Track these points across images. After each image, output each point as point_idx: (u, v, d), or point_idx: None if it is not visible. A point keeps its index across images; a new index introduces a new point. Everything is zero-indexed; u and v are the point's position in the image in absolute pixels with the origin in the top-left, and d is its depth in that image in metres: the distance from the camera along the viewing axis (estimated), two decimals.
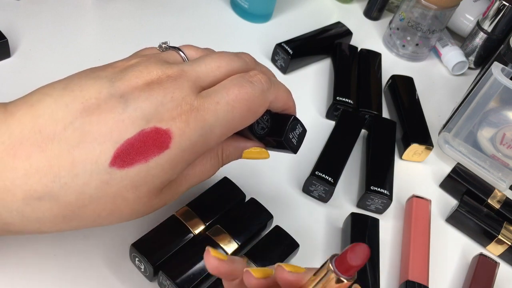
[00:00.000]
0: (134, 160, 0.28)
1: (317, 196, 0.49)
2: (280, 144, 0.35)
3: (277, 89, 0.33)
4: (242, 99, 0.30)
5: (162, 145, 0.28)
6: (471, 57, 0.70)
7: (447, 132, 0.56)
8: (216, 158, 0.34)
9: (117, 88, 0.28)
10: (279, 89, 0.33)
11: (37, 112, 0.28)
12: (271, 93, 0.32)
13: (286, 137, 0.34)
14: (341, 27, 0.65)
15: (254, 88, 0.31)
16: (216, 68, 0.31)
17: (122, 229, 0.40)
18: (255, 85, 0.31)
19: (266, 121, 0.35)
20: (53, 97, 0.28)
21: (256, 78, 0.32)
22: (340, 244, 0.46)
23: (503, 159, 0.55)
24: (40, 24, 0.54)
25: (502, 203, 0.52)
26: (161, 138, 0.28)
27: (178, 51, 0.33)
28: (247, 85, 0.31)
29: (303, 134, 0.36)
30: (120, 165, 0.27)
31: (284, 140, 0.34)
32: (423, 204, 0.49)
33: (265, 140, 0.35)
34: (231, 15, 0.65)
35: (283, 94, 0.34)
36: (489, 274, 0.46)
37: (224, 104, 0.30)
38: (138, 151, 0.28)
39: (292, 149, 0.35)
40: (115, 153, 0.27)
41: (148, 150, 0.28)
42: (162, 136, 0.28)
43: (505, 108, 0.53)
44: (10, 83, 0.48)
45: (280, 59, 0.59)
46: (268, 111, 0.34)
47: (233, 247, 0.39)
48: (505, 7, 0.62)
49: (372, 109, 0.57)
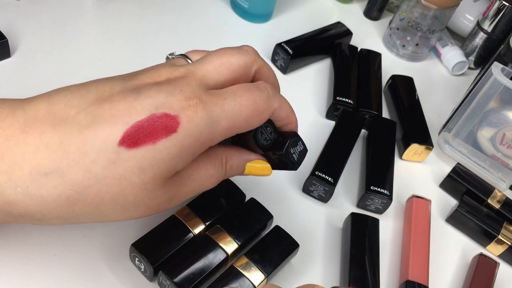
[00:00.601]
0: (142, 141, 0.29)
1: (317, 196, 0.49)
2: (281, 158, 0.36)
3: (281, 99, 0.35)
4: (249, 99, 0.32)
5: (170, 129, 0.29)
6: (471, 57, 0.70)
7: (447, 132, 0.56)
8: (220, 165, 0.35)
9: (130, 84, 0.31)
10: (283, 99, 0.35)
11: (52, 100, 0.30)
12: (276, 100, 0.34)
13: (287, 150, 0.35)
14: (341, 27, 0.65)
15: (261, 92, 0.33)
16: (219, 65, 0.33)
17: (122, 229, 0.40)
18: (262, 90, 0.33)
19: (270, 133, 0.36)
20: (70, 90, 0.30)
21: (262, 86, 0.34)
22: (340, 245, 0.46)
23: (503, 159, 0.55)
24: (40, 24, 0.54)
25: (502, 203, 0.52)
26: (170, 122, 0.29)
27: (185, 58, 0.35)
28: (254, 89, 0.33)
29: (304, 153, 0.37)
30: (128, 145, 0.28)
31: (284, 153, 0.35)
32: (423, 204, 0.49)
33: (267, 156, 0.37)
34: (231, 15, 0.65)
35: (287, 105, 0.36)
36: (489, 274, 0.46)
37: (231, 100, 0.31)
38: (147, 132, 0.29)
39: (292, 164, 0.36)
40: (124, 133, 0.28)
41: (156, 132, 0.29)
42: (170, 121, 0.29)
43: (505, 108, 0.53)
44: (10, 83, 0.48)
45: (280, 59, 0.59)
46: (272, 125, 0.36)
47: (233, 247, 0.39)
48: (505, 7, 0.62)
49: (372, 109, 0.57)
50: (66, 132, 0.28)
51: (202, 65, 0.32)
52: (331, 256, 0.45)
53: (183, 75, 0.31)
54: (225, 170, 0.35)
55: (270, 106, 0.33)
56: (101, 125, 0.28)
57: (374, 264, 0.43)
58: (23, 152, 0.28)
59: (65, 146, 0.28)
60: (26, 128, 0.28)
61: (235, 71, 0.33)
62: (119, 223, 0.41)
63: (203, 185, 0.34)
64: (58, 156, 0.28)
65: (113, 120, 0.28)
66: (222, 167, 0.35)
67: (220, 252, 0.39)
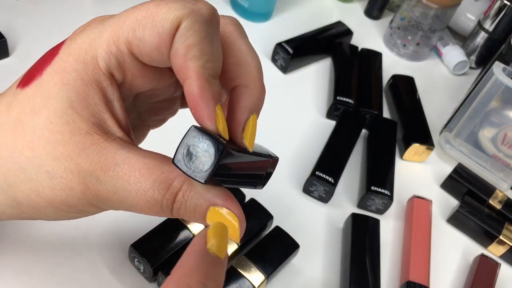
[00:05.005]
0: (32, 77, 0.27)
1: (318, 196, 0.48)
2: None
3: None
4: None
5: (53, 54, 0.27)
6: (472, 57, 0.70)
7: (448, 132, 0.56)
8: (164, 188, 0.25)
9: None
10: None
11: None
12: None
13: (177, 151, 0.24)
14: (341, 26, 0.65)
15: None
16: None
17: (122, 230, 0.40)
18: None
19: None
20: None
21: None
22: (341, 245, 0.46)
23: (504, 159, 0.55)
24: (39, 24, 0.54)
25: (503, 204, 0.52)
26: (54, 49, 0.27)
27: None
28: None
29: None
30: (22, 85, 0.27)
31: (175, 160, 0.24)
32: (424, 204, 0.49)
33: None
34: (231, 14, 0.65)
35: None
36: (490, 275, 0.46)
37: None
38: (36, 67, 0.27)
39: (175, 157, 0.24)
40: (23, 76, 0.27)
41: (43, 64, 0.27)
42: (55, 48, 0.27)
43: (507, 108, 0.53)
44: (9, 83, 0.48)
45: (280, 58, 0.59)
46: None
47: (233, 247, 0.39)
48: (506, 6, 0.62)
49: (373, 109, 0.57)
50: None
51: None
52: (331, 256, 0.45)
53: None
54: (171, 201, 0.25)
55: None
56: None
57: (375, 265, 0.43)
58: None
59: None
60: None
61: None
62: (119, 224, 0.40)
63: (129, 198, 0.25)
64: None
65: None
66: (168, 192, 0.25)
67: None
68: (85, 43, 0.26)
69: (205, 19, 0.24)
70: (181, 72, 0.24)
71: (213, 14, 0.25)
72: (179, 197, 0.25)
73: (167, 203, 0.25)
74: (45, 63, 0.26)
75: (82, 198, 0.25)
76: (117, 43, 0.25)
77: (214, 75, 0.25)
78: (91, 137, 0.25)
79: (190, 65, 0.24)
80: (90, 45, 0.26)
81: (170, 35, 0.24)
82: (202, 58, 0.24)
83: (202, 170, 0.23)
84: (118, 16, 0.26)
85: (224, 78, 0.27)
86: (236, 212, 0.25)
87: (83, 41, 0.26)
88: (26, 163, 0.25)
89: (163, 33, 0.24)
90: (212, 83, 0.24)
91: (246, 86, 0.27)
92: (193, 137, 0.24)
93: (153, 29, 0.24)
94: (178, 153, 0.24)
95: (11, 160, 0.26)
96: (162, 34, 0.24)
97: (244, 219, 0.26)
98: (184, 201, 0.25)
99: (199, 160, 0.23)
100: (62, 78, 0.26)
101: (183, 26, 0.24)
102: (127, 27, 0.25)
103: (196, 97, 0.24)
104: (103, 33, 0.25)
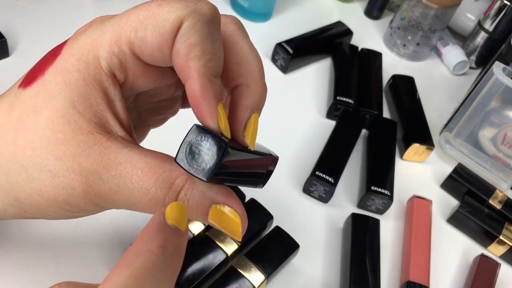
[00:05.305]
0: (34, 77, 0.27)
1: (318, 196, 0.48)
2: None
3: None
4: None
5: (55, 54, 0.27)
6: (472, 57, 0.70)
7: (448, 132, 0.56)
8: (166, 186, 0.25)
9: None
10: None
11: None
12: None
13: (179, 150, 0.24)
14: (341, 26, 0.65)
15: None
16: None
17: (122, 230, 0.40)
18: None
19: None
20: None
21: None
22: (341, 245, 0.46)
23: (504, 159, 0.55)
24: (39, 24, 0.54)
25: (503, 204, 0.52)
26: (56, 49, 0.27)
27: None
28: None
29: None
30: (24, 85, 0.27)
31: (177, 159, 0.24)
32: (424, 204, 0.49)
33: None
34: (231, 14, 0.65)
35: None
36: (490, 275, 0.46)
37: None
38: (38, 68, 0.27)
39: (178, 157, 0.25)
40: (25, 76, 0.27)
41: (45, 64, 0.27)
42: (57, 48, 0.27)
43: (507, 108, 0.53)
44: (9, 83, 0.48)
45: (280, 58, 0.59)
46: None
47: (233, 247, 0.39)
48: (506, 6, 0.62)
49: (373, 109, 0.57)
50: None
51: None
52: (331, 256, 0.45)
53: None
54: (173, 200, 0.25)
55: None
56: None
57: (375, 265, 0.43)
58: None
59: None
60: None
61: None
62: (119, 223, 0.40)
63: (131, 197, 0.25)
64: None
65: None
66: (170, 191, 0.25)
67: (220, 252, 0.38)
68: (87, 43, 0.26)
69: (207, 19, 0.25)
70: (182, 72, 0.24)
71: (215, 14, 0.25)
72: (181, 196, 0.25)
73: (170, 201, 0.25)
74: (47, 63, 0.27)
75: (84, 197, 0.26)
76: (119, 43, 0.25)
77: (216, 74, 0.25)
78: (93, 137, 0.25)
79: (191, 65, 0.24)
80: (92, 45, 0.26)
81: (171, 35, 0.24)
82: (203, 58, 0.24)
83: (205, 168, 0.24)
84: (119, 16, 0.26)
85: (225, 77, 0.27)
86: (238, 210, 0.25)
87: (85, 41, 0.26)
88: (28, 162, 0.26)
89: (165, 33, 0.24)
90: (213, 82, 0.24)
91: (247, 85, 0.27)
92: (195, 135, 0.24)
93: (155, 29, 0.24)
94: (180, 152, 0.24)
95: (13, 160, 0.26)
96: (164, 34, 0.24)
97: (246, 217, 0.26)
98: (187, 200, 0.25)
99: (202, 159, 0.24)
100: (64, 78, 0.26)
101: (184, 26, 0.24)
102: (129, 27, 0.25)
103: (198, 96, 0.24)
104: (105, 33, 0.26)
